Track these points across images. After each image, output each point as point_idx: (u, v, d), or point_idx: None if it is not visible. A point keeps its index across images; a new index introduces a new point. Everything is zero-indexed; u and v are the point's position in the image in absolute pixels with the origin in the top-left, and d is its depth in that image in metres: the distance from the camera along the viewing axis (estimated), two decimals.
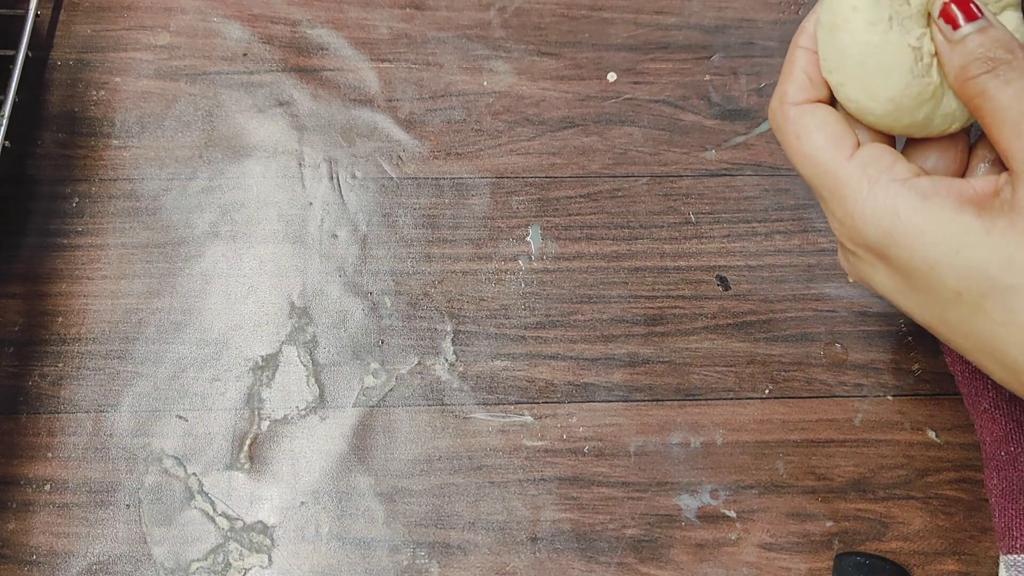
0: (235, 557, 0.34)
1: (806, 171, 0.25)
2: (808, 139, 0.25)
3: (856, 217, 0.23)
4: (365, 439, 0.36)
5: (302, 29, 0.46)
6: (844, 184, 0.24)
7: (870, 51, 0.24)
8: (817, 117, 0.25)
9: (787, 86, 0.26)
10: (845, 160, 0.24)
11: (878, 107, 0.25)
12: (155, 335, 0.38)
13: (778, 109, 0.26)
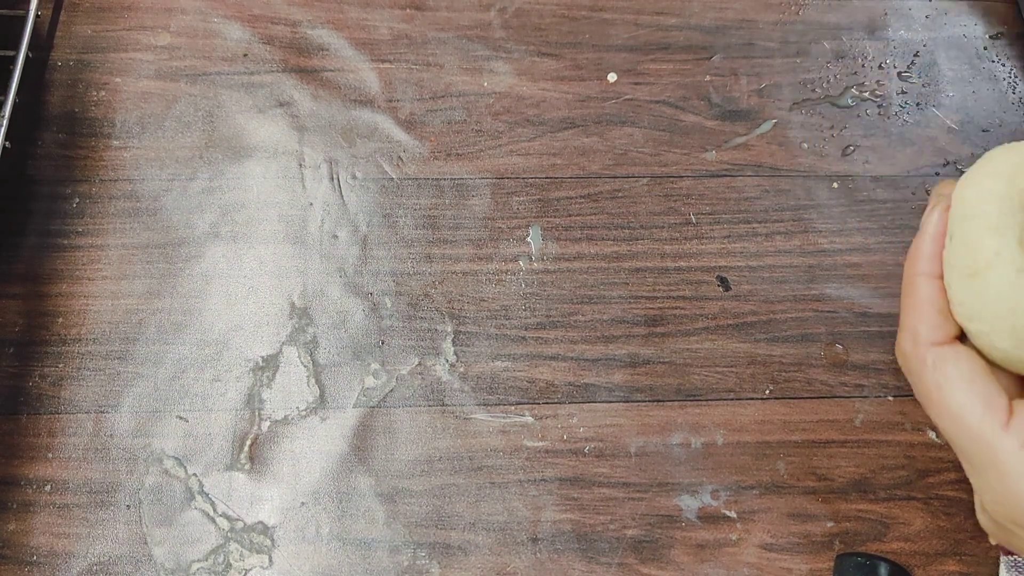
0: (235, 558, 0.34)
1: (949, 430, 0.22)
2: (953, 395, 0.22)
3: (1019, 495, 0.21)
4: (366, 440, 0.36)
5: (302, 30, 0.45)
6: (1002, 459, 0.21)
7: (1021, 300, 0.22)
8: (961, 368, 0.22)
9: (918, 324, 0.23)
10: (1001, 429, 0.21)
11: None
12: (155, 336, 0.38)
13: (912, 352, 0.23)
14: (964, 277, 0.23)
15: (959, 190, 0.24)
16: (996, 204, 0.22)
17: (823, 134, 0.44)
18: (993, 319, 0.22)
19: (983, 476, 0.22)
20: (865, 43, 0.47)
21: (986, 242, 0.22)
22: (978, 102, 0.45)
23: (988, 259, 0.22)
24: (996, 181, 0.23)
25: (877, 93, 0.45)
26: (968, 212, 0.23)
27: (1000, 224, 0.22)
